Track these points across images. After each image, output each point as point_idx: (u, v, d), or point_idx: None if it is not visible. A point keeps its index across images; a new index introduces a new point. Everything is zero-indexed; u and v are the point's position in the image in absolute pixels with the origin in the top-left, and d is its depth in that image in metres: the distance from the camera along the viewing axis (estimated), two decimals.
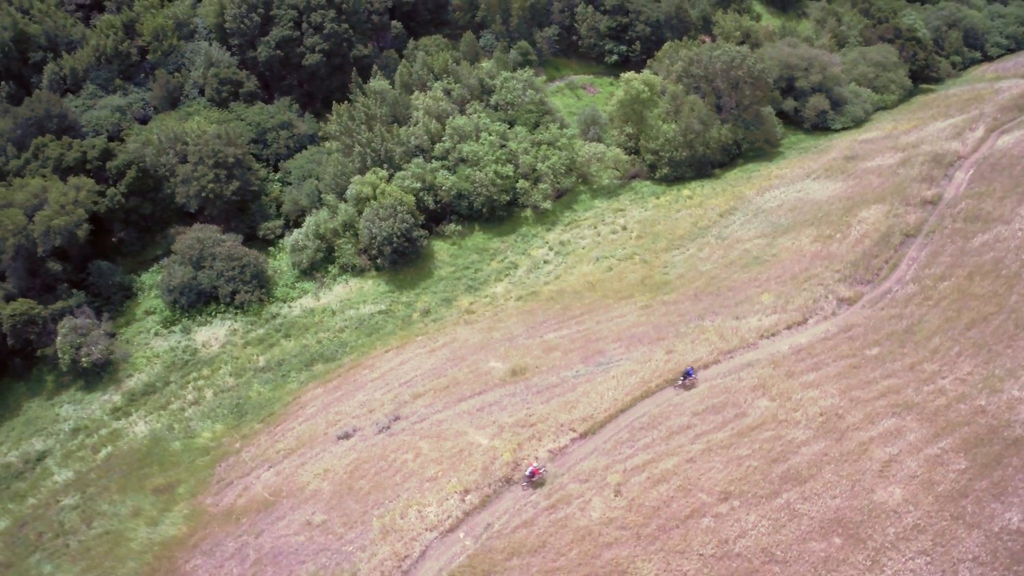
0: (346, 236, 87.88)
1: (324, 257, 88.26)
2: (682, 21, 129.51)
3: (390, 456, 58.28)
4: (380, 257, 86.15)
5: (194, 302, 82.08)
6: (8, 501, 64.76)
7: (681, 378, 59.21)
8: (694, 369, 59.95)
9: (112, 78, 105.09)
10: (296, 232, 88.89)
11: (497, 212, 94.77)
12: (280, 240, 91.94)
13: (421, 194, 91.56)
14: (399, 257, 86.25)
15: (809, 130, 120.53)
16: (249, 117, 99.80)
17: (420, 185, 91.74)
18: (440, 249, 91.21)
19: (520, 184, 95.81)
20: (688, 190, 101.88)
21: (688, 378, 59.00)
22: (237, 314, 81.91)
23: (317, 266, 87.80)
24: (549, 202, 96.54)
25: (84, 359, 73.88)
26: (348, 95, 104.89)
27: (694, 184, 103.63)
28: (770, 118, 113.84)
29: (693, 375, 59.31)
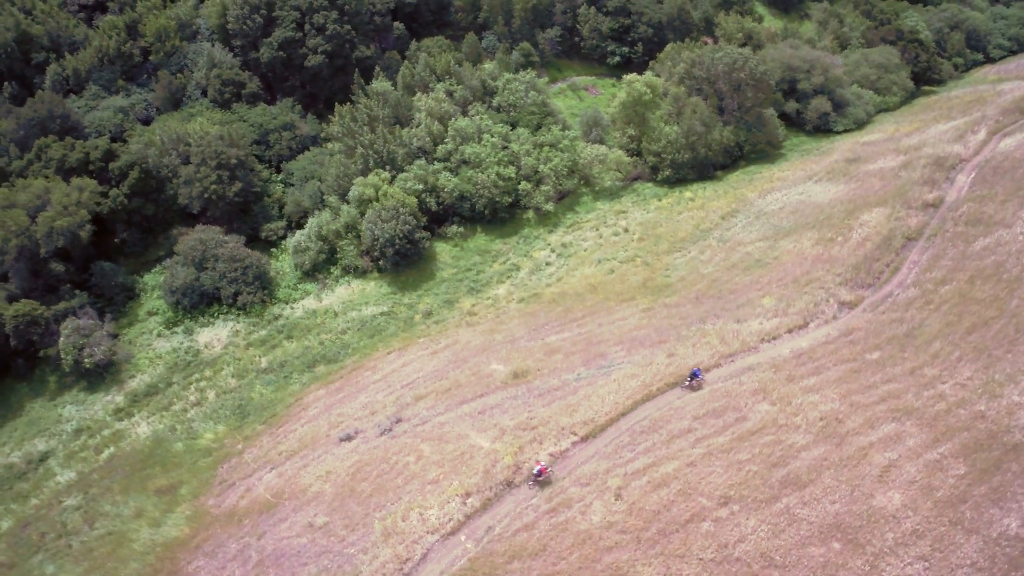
0: (348, 238, 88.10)
1: (326, 259, 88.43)
2: (684, 23, 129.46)
3: (392, 458, 58.47)
4: (382, 259, 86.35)
5: (196, 303, 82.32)
6: (11, 501, 64.99)
7: (688, 379, 59.49)
8: (701, 370, 60.19)
9: (115, 79, 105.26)
10: (298, 233, 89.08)
11: (499, 214, 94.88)
12: (282, 241, 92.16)
13: (423, 196, 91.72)
14: (401, 259, 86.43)
15: (811, 132, 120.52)
16: (251, 118, 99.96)
17: (422, 187, 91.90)
18: (442, 251, 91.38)
19: (522, 186, 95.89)
20: (690, 192, 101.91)
21: (695, 379, 59.27)
22: (239, 315, 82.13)
23: (319, 267, 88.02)
24: (551, 204, 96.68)
25: (87, 360, 74.12)
26: (350, 96, 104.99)
27: (696, 186, 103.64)
28: (772, 120, 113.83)
29: (700, 376, 59.57)
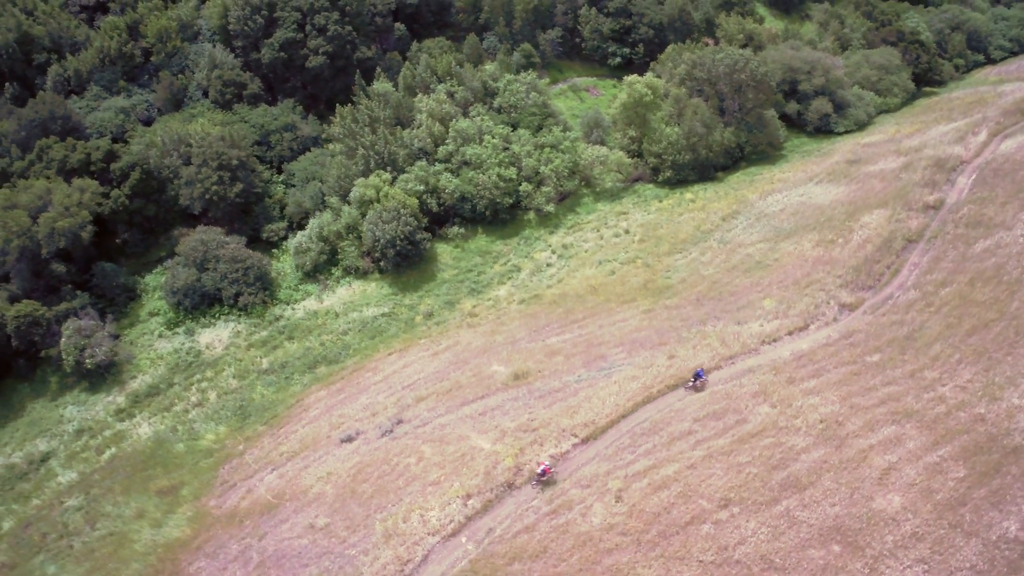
0: (349, 239, 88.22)
1: (327, 259, 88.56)
2: (685, 24, 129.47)
3: (393, 460, 58.61)
4: (383, 260, 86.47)
5: (198, 304, 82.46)
6: (12, 502, 65.14)
7: (692, 379, 59.61)
8: (704, 371, 60.28)
9: (116, 80, 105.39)
10: (299, 234, 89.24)
11: (500, 215, 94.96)
12: (283, 242, 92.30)
13: (424, 197, 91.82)
14: (402, 260, 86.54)
15: (812, 133, 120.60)
16: (253, 119, 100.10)
17: (423, 188, 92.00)
18: (443, 252, 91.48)
19: (523, 187, 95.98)
20: (691, 193, 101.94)
21: (699, 379, 59.38)
22: (240, 316, 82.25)
23: (320, 268, 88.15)
24: (552, 205, 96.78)
25: (88, 360, 74.27)
26: (352, 97, 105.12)
27: (697, 187, 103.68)
28: (773, 121, 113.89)
29: (704, 377, 59.70)
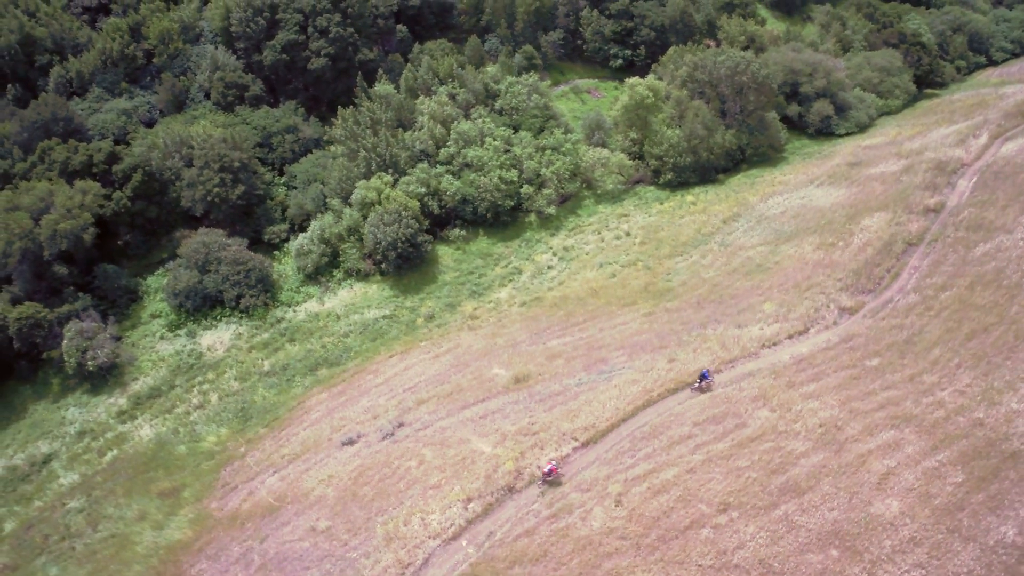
0: (351, 241, 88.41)
1: (329, 262, 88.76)
2: (687, 26, 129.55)
3: (394, 463, 58.78)
4: (385, 262, 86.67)
5: (199, 306, 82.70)
6: (14, 504, 65.41)
7: (697, 380, 59.75)
8: (710, 372, 60.40)
9: (118, 81, 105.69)
10: (301, 236, 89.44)
11: (501, 217, 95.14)
12: (285, 244, 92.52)
13: (426, 199, 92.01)
14: (404, 262, 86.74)
15: (813, 135, 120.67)
16: (254, 121, 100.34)
17: (425, 190, 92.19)
18: (444, 254, 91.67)
19: (524, 189, 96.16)
20: (692, 196, 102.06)
21: (704, 380, 59.49)
22: (242, 318, 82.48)
23: (322, 271, 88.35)
24: (553, 207, 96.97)
25: (90, 362, 74.51)
26: (353, 99, 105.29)
27: (698, 190, 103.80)
28: (774, 123, 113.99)
29: (709, 378, 59.76)
